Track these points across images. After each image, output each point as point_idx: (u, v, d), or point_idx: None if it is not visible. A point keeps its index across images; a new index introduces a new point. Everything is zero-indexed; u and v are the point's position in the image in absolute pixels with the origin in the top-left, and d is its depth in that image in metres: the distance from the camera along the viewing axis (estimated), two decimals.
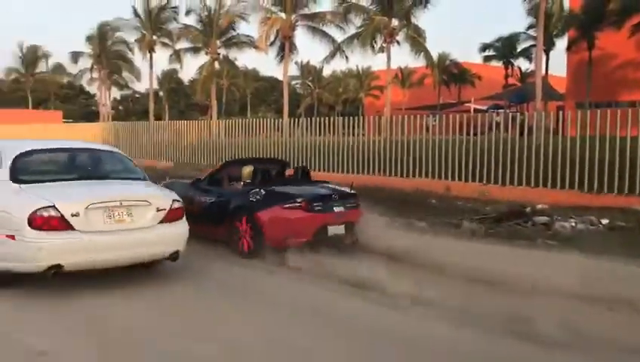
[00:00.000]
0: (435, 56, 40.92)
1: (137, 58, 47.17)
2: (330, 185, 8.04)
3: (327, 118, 17.22)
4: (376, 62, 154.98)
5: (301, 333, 4.56)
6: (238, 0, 32.80)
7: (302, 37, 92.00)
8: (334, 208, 7.29)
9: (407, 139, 14.81)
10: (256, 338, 4.45)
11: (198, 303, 5.45)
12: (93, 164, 6.57)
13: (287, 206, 7.03)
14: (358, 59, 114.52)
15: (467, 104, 40.31)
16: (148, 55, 38.70)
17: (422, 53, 31.38)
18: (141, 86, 60.86)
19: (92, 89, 57.70)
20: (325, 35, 31.26)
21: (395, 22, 30.08)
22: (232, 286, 6.08)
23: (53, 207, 5.19)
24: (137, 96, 71.51)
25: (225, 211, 7.51)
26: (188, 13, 35.99)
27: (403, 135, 15.31)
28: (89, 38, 45.50)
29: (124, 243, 5.48)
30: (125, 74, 50.15)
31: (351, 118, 16.69)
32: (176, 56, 38.36)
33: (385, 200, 11.04)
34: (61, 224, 5.18)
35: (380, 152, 15.09)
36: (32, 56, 52.90)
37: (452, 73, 53.02)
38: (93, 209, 5.36)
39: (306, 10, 31.15)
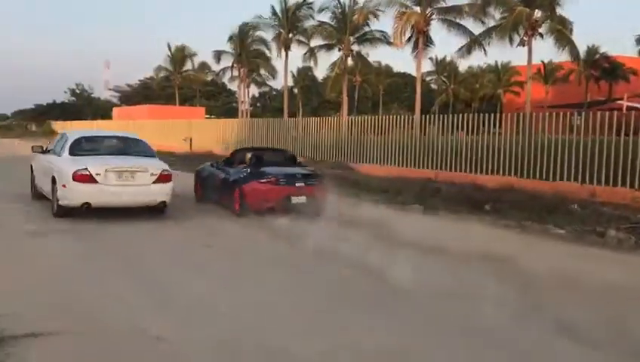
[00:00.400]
0: (582, 49, 37.89)
1: (274, 56, 48.94)
2: (301, 168, 10.90)
3: (461, 115, 16.60)
4: (517, 56, 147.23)
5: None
6: None
7: (437, 31, 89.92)
8: (296, 183, 10.02)
9: (548, 138, 13.82)
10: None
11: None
12: (120, 145, 10.41)
13: (262, 181, 9.99)
14: (496, 54, 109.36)
15: (619, 102, 36.92)
16: (284, 53, 40.02)
17: (567, 47, 29.22)
18: (278, 83, 63.09)
19: (233, 86, 60.92)
20: (461, 28, 30.25)
21: (538, 13, 28.30)
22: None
23: (86, 169, 9.07)
24: (274, 93, 74.26)
25: (228, 184, 10.62)
26: (322, 10, 36.67)
27: (544, 134, 14.33)
28: (231, 38, 48.01)
29: (127, 193, 9.24)
30: (263, 72, 52.42)
31: (487, 115, 15.94)
32: (311, 53, 39.27)
33: (519, 202, 10.38)
34: (90, 179, 9.02)
35: (517, 152, 14.23)
36: (179, 56, 56.94)
37: (602, 68, 48.87)
38: (110, 171, 9.16)
39: (442, 4, 30.37)
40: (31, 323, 4.34)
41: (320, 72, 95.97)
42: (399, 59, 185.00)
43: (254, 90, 67.41)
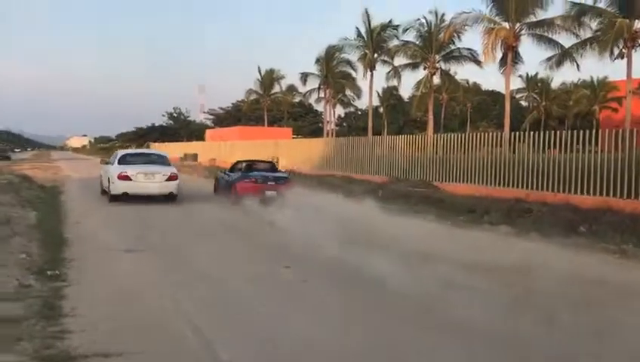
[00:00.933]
0: None
1: (359, 76, 49.06)
2: (276, 173, 16.69)
3: (554, 132, 15.69)
4: (612, 70, 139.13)
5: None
6: (459, 13, 32.02)
7: (528, 48, 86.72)
8: (268, 182, 15.33)
9: None
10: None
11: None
12: (148, 158, 16.61)
13: (245, 181, 15.51)
14: (589, 68, 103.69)
15: None
16: (369, 73, 39.97)
17: None
18: (363, 103, 63.17)
19: (319, 107, 61.62)
20: (552, 42, 28.90)
21: (638, 24, 26.51)
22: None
23: (125, 172, 14.68)
24: (360, 113, 74.38)
25: (228, 183, 16.28)
26: (406, 30, 36.34)
27: None
28: (318, 60, 48.68)
29: (150, 186, 14.91)
30: (348, 92, 52.69)
31: (582, 132, 14.95)
32: (395, 72, 38.97)
33: (617, 224, 9.55)
34: (127, 178, 14.64)
35: (615, 170, 13.19)
36: (268, 79, 58.51)
37: None
38: (139, 173, 14.81)
39: (531, 18, 29.19)
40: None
41: (405, 91, 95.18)
42: (488, 76, 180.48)
43: (340, 111, 67.94)
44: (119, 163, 15.72)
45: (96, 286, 6.51)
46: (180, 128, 76.36)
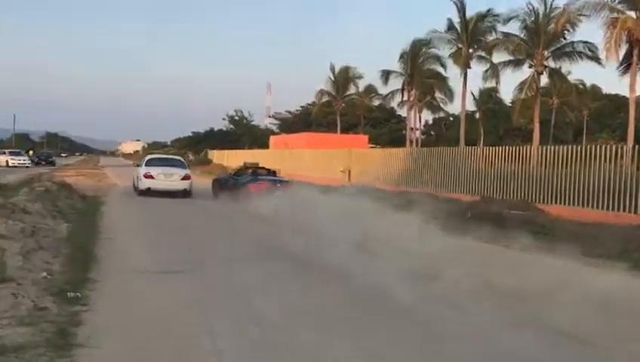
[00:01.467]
0: None
1: (450, 76, 48.38)
2: (276, 177, 23.03)
3: None
4: None
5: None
6: None
7: None
8: (276, 184, 21.22)
9: None
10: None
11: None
12: (168, 161, 25.02)
13: (256, 182, 21.32)
14: None
15: None
16: (462, 71, 39.30)
17: None
18: (455, 108, 62.18)
19: (403, 112, 61.21)
20: None
21: None
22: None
23: (149, 172, 22.54)
24: (451, 119, 73.34)
25: (236, 186, 21.69)
26: (509, 20, 35.48)
27: None
28: (402, 56, 48.40)
29: (168, 184, 22.59)
30: (438, 94, 52.04)
31: None
32: (494, 71, 38.09)
33: None
34: (151, 177, 22.41)
35: None
36: (342, 78, 58.61)
37: None
38: (160, 173, 22.61)
39: None
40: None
41: (506, 94, 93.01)
42: (611, 77, 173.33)
43: (427, 116, 67.20)
44: (146, 165, 23.59)
45: (119, 314, 6.56)
46: (242, 134, 78.03)
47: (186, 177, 22.78)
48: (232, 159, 57.14)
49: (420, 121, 59.97)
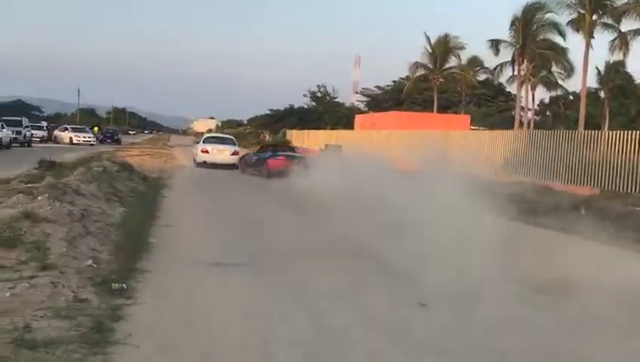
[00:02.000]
0: None
1: (570, 47, 46.71)
2: (295, 153, 31.09)
3: None
4: None
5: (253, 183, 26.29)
6: None
7: None
8: (294, 159, 27.12)
9: None
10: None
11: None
12: (221, 140, 35.75)
13: (275, 158, 28.00)
14: None
15: None
16: (584, 42, 37.82)
17: None
18: (575, 85, 59.86)
19: (513, 89, 59.57)
20: None
21: None
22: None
23: (205, 148, 32.43)
24: (571, 98, 70.83)
25: (260, 161, 28.68)
26: None
27: None
28: (512, 24, 47.04)
29: (220, 158, 32.12)
30: (555, 69, 50.34)
31: None
32: (622, 41, 36.41)
33: None
34: (206, 152, 32.19)
35: None
36: (441, 49, 57.36)
37: None
38: (214, 149, 32.49)
39: None
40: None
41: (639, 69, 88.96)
42: None
43: (543, 94, 65.17)
44: (203, 142, 33.49)
45: (165, 310, 6.66)
46: (325, 112, 78.29)
47: (234, 153, 32.55)
48: (312, 140, 57.41)
49: (534, 100, 58.20)
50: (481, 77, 65.01)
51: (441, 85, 59.64)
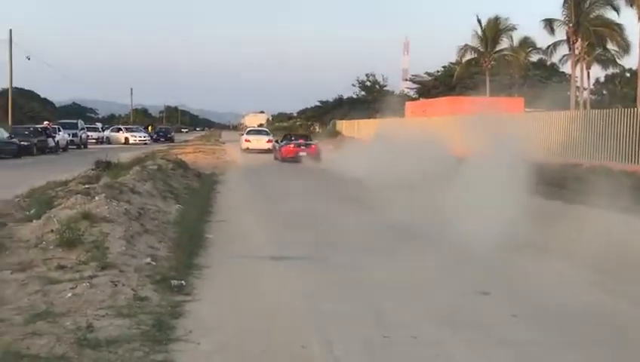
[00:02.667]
0: None
1: (626, 23, 45.40)
2: (307, 140, 36.36)
3: None
4: None
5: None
6: None
7: None
8: (301, 146, 34.41)
9: None
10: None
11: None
12: (260, 132, 48.28)
13: (285, 145, 34.88)
14: None
15: None
16: (638, 16, 36.72)
17: None
18: (632, 62, 58.11)
19: (567, 68, 58.24)
20: None
21: None
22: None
23: (248, 138, 44.60)
24: (627, 75, 68.98)
25: (278, 148, 36.02)
26: None
27: None
28: (565, 1, 45.97)
29: (258, 145, 43.09)
30: (611, 46, 49.01)
31: None
32: None
33: None
34: (248, 141, 43.94)
35: None
36: (492, 32, 56.39)
37: None
38: (254, 139, 44.18)
39: None
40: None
41: None
42: None
43: (599, 73, 63.58)
44: (246, 134, 45.36)
45: (224, 306, 6.66)
46: (374, 101, 77.88)
47: (268, 141, 42.18)
48: (363, 130, 57.17)
49: (589, 79, 56.82)
50: (534, 58, 63.66)
51: (492, 68, 58.66)
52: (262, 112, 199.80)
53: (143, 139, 57.96)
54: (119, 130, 61.21)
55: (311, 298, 7.08)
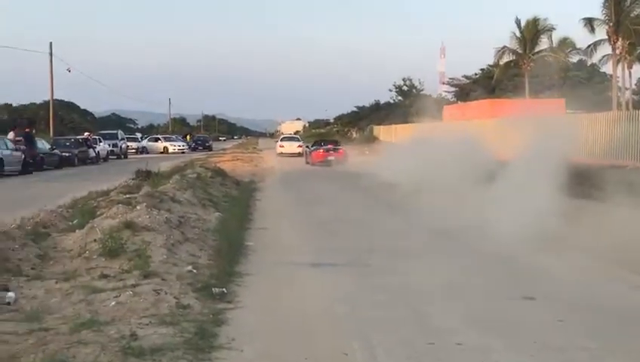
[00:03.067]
0: None
1: None
2: (334, 145, 40.07)
3: None
4: None
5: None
6: None
7: None
8: (330, 151, 38.04)
9: None
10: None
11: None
12: (292, 138, 57.21)
13: (315, 150, 39.22)
14: None
15: None
16: None
17: None
18: None
19: (608, 68, 57.40)
20: None
21: None
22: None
23: (282, 144, 52.52)
24: None
25: (308, 152, 40.94)
26: None
27: None
28: (605, 1, 45.42)
29: (290, 149, 49.88)
30: None
31: None
32: None
33: None
34: (282, 146, 51.44)
35: None
36: (531, 33, 55.79)
37: None
38: (286, 144, 51.83)
39: None
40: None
41: None
42: None
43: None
44: (280, 141, 54.30)
45: (266, 313, 6.68)
46: (411, 105, 77.54)
47: (299, 146, 48.59)
48: (400, 134, 56.96)
49: (631, 79, 55.85)
50: (574, 58, 62.82)
51: (531, 70, 58.02)
52: (298, 119, 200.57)
53: (181, 148, 58.69)
54: (157, 139, 61.96)
55: (352, 304, 7.05)
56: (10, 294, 6.64)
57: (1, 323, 5.83)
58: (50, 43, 51.35)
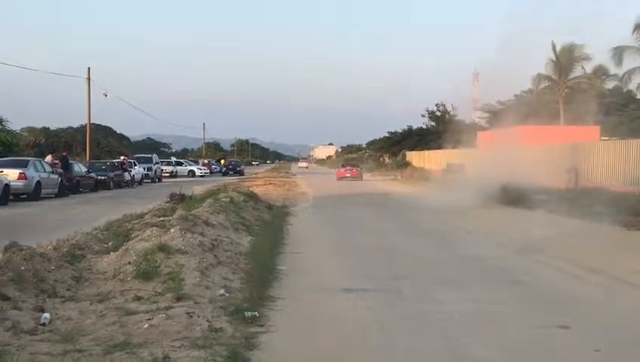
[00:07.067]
0: None
1: None
2: (349, 167, 54.68)
3: None
4: None
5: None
6: None
7: None
8: (347, 170, 52.62)
9: None
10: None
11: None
12: (306, 159, 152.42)
13: (338, 170, 55.32)
14: None
15: None
16: None
17: None
18: None
19: None
20: None
21: None
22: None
23: (304, 164, 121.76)
24: None
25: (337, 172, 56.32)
26: None
27: None
28: (637, 27, 45.13)
29: (304, 169, 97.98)
30: None
31: None
32: None
33: None
34: (303, 167, 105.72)
35: None
36: (566, 59, 55.48)
37: None
38: (302, 165, 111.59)
39: None
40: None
41: None
42: None
43: None
44: (299, 161, 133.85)
45: (298, 337, 6.66)
46: (444, 131, 77.20)
47: (306, 166, 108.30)
48: (433, 160, 56.74)
49: None
50: (609, 85, 62.18)
51: (566, 96, 57.58)
52: (331, 144, 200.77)
53: (205, 171, 64.39)
54: (180, 163, 65.00)
55: (384, 331, 7.00)
56: (46, 315, 6.71)
57: (36, 343, 5.88)
58: (89, 68, 52.17)
